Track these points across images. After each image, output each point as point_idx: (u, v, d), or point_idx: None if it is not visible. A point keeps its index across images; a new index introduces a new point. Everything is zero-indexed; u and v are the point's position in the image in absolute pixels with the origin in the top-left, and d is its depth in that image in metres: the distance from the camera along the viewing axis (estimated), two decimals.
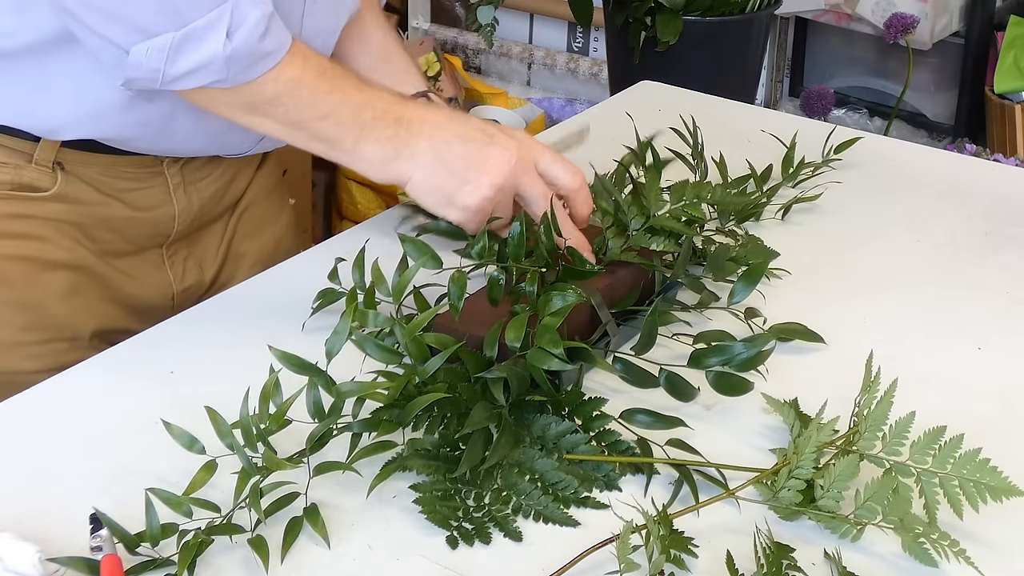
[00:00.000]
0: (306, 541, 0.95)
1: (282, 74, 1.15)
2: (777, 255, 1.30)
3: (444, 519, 0.96)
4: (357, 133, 1.18)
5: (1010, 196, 1.51)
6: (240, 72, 1.14)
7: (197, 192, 1.36)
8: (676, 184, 1.31)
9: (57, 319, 1.28)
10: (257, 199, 1.45)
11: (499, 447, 1.00)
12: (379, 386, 1.01)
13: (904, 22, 2.95)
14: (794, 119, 1.84)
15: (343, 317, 1.05)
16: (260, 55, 1.14)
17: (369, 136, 1.19)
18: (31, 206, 1.26)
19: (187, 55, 1.11)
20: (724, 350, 1.11)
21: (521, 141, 1.22)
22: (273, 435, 0.99)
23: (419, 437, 1.03)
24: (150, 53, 1.11)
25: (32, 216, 1.26)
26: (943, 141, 3.09)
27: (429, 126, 1.20)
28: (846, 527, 0.95)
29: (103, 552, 0.90)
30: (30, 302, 1.27)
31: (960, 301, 1.29)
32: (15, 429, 1.08)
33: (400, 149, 1.19)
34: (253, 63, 1.14)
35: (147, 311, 1.34)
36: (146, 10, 1.10)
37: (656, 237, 1.23)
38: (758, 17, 2.65)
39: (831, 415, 1.00)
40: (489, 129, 1.21)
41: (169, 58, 1.11)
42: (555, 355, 1.05)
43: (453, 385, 1.04)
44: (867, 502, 0.94)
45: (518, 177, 1.20)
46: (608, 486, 1.01)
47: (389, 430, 1.01)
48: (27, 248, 1.26)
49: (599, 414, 1.05)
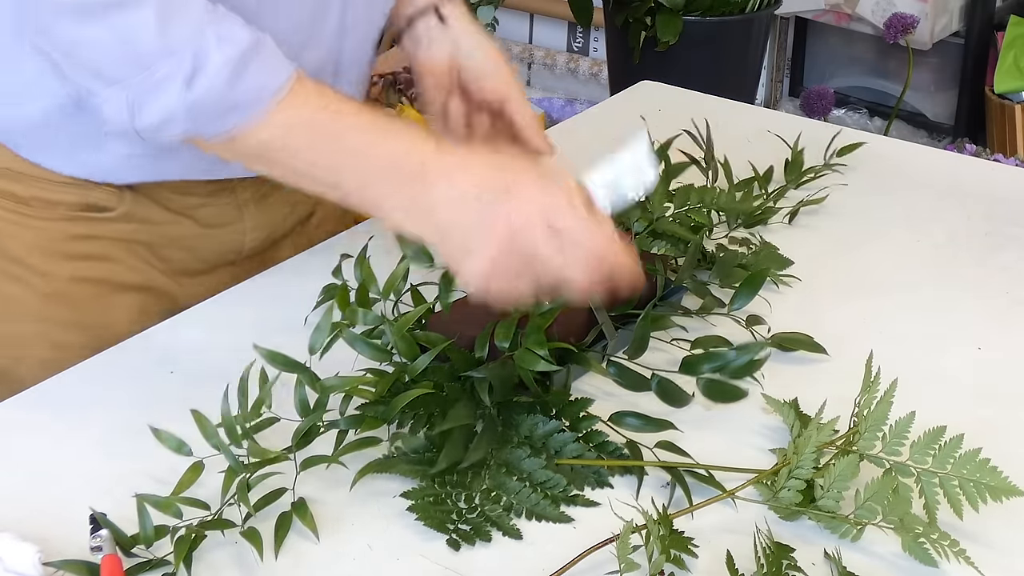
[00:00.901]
0: (305, 541, 0.96)
1: (274, 119, 1.03)
2: (791, 263, 1.30)
3: (440, 523, 0.96)
4: (369, 185, 1.05)
5: (1010, 196, 1.51)
6: (210, 123, 1.02)
7: (268, 207, 1.31)
8: (681, 188, 1.31)
9: (122, 339, 1.23)
10: (329, 212, 1.40)
11: (480, 444, 1.00)
12: (363, 381, 1.02)
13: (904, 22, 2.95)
14: (794, 119, 1.84)
15: (326, 314, 1.05)
16: (230, 104, 1.01)
17: (381, 192, 1.04)
18: (98, 227, 1.22)
19: (149, 107, 1.02)
20: (717, 357, 1.10)
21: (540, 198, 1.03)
22: (261, 433, 0.99)
23: (403, 432, 1.03)
24: (112, 103, 1.03)
25: (100, 237, 1.23)
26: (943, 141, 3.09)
27: (445, 183, 1.03)
28: (846, 527, 0.95)
29: (103, 552, 0.90)
30: (97, 323, 1.24)
31: (960, 301, 1.29)
32: (15, 429, 1.08)
33: (408, 209, 1.04)
34: (223, 112, 1.02)
35: None
36: (107, 56, 1.02)
37: (658, 241, 1.23)
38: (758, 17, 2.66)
39: (831, 415, 1.00)
40: (509, 178, 1.03)
41: (134, 111, 1.02)
42: (541, 356, 1.05)
43: (440, 384, 1.05)
44: (867, 502, 0.94)
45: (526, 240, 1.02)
46: (599, 483, 1.01)
47: (374, 426, 1.01)
48: (96, 270, 1.24)
49: (586, 415, 1.05)
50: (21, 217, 1.22)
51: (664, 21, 2.53)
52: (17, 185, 1.21)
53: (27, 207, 1.21)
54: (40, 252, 1.22)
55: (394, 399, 1.01)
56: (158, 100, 1.01)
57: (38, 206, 1.21)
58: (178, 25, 1.00)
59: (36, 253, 1.22)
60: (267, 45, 1.04)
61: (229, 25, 1.02)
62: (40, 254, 1.22)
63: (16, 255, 1.22)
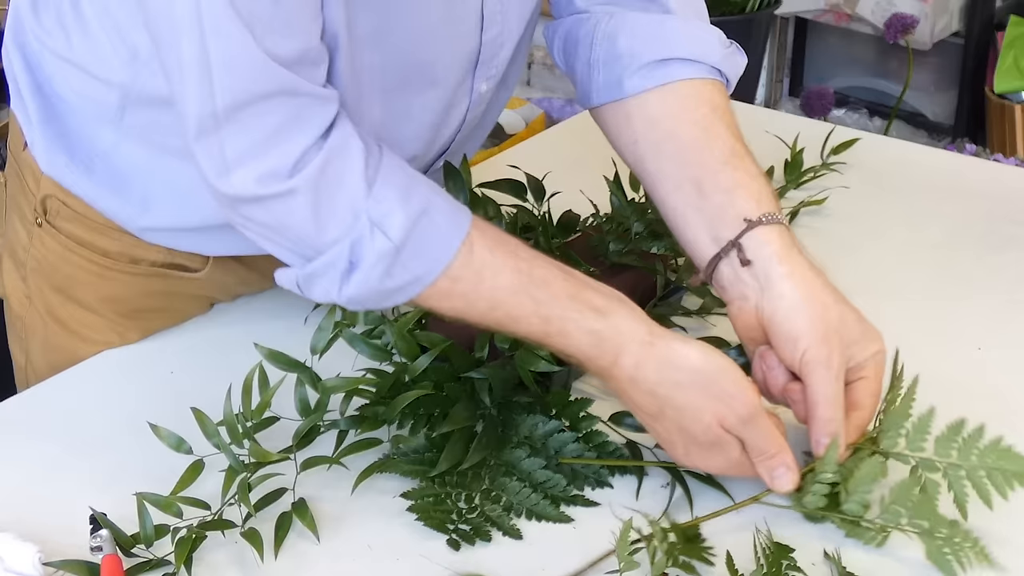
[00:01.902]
0: (305, 541, 0.96)
1: (447, 290, 0.96)
2: None
3: (441, 523, 0.96)
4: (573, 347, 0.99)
5: (1010, 196, 1.51)
6: (379, 303, 0.99)
7: None
8: None
9: None
10: None
11: (480, 446, 1.00)
12: (363, 382, 1.02)
13: (904, 22, 2.95)
14: (794, 119, 1.84)
15: (328, 314, 1.05)
16: (391, 290, 0.96)
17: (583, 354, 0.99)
18: (179, 284, 1.20)
19: (311, 291, 0.98)
20: None
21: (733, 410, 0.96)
22: (261, 433, 0.99)
23: (403, 434, 1.03)
24: (284, 279, 1.00)
25: (178, 293, 1.21)
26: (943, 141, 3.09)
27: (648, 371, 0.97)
28: (870, 533, 0.94)
29: (103, 552, 0.90)
30: None
31: (960, 301, 1.29)
32: (15, 429, 1.08)
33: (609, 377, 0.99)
34: (383, 298, 0.97)
35: None
36: (282, 243, 0.97)
37: (657, 241, 1.23)
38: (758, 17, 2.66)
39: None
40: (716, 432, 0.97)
41: (303, 288, 0.98)
42: (541, 356, 1.05)
43: (440, 384, 1.05)
44: (892, 504, 0.93)
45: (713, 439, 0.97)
46: (599, 483, 1.01)
47: (374, 427, 1.01)
48: (163, 321, 1.22)
49: (586, 415, 1.05)
50: (102, 270, 1.18)
51: None
52: (106, 240, 1.17)
53: (110, 260, 1.18)
54: (112, 302, 1.19)
55: (394, 400, 1.01)
56: (319, 287, 0.97)
57: (122, 260, 1.18)
58: (334, 210, 0.94)
59: (108, 303, 1.19)
60: (436, 208, 0.96)
61: (386, 199, 0.95)
62: (112, 304, 1.19)
63: (89, 304, 1.20)
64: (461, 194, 1.22)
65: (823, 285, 1.01)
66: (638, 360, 0.97)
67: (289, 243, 0.96)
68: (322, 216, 0.94)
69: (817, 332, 0.98)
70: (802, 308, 0.99)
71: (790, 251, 1.02)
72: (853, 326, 1.01)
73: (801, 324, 0.99)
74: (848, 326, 1.00)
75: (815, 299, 1.00)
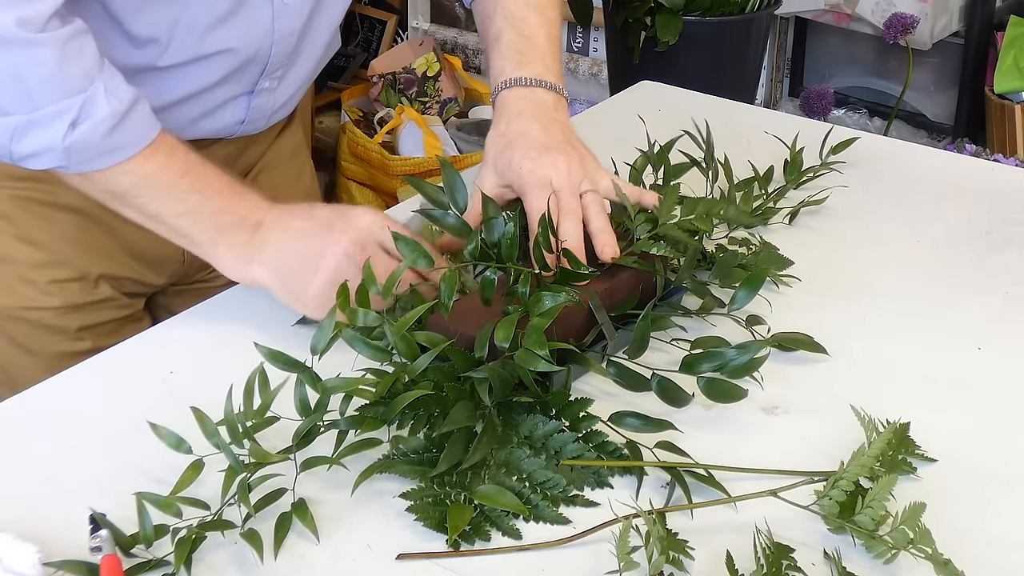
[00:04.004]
0: (304, 541, 0.96)
1: (138, 168, 1.17)
2: (791, 263, 1.30)
3: (440, 523, 0.96)
4: (213, 235, 1.20)
5: (1010, 196, 1.51)
6: (82, 163, 1.15)
7: (207, 157, 1.30)
8: (689, 200, 1.30)
9: (65, 258, 1.34)
10: (272, 164, 1.48)
11: (480, 446, 1.00)
12: (364, 382, 1.02)
13: (904, 22, 2.95)
14: (794, 119, 1.84)
15: (329, 314, 1.05)
16: (104, 149, 1.15)
17: (224, 240, 1.20)
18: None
19: (29, 138, 1.13)
20: (717, 356, 1.10)
21: (358, 228, 1.19)
22: (261, 432, 0.99)
23: (403, 435, 1.03)
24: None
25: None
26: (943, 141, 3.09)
27: (278, 230, 1.20)
28: (882, 548, 0.93)
29: (103, 552, 0.90)
30: (37, 240, 1.33)
31: (960, 301, 1.29)
32: (15, 429, 1.09)
33: (253, 255, 1.20)
34: (95, 156, 1.15)
35: (157, 262, 1.39)
36: (4, 91, 1.12)
37: (658, 243, 1.23)
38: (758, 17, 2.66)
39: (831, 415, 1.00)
40: (332, 219, 1.20)
41: (14, 138, 1.13)
42: (541, 356, 1.05)
43: (440, 384, 1.05)
44: (900, 526, 0.92)
45: (356, 262, 1.17)
46: (599, 483, 1.01)
47: (374, 427, 1.01)
48: (35, 191, 1.31)
49: (586, 415, 1.05)
50: None
51: (664, 21, 2.53)
52: None
53: None
54: None
55: (394, 400, 1.01)
56: (40, 134, 1.12)
57: None
58: (73, 71, 1.12)
59: None
60: (144, 103, 1.18)
61: (116, 80, 1.15)
62: None
63: None
64: (460, 193, 1.22)
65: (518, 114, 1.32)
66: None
67: (15, 93, 1.11)
68: (63, 73, 1.11)
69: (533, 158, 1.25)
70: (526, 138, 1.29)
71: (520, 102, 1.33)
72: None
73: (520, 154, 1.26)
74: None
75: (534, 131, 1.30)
